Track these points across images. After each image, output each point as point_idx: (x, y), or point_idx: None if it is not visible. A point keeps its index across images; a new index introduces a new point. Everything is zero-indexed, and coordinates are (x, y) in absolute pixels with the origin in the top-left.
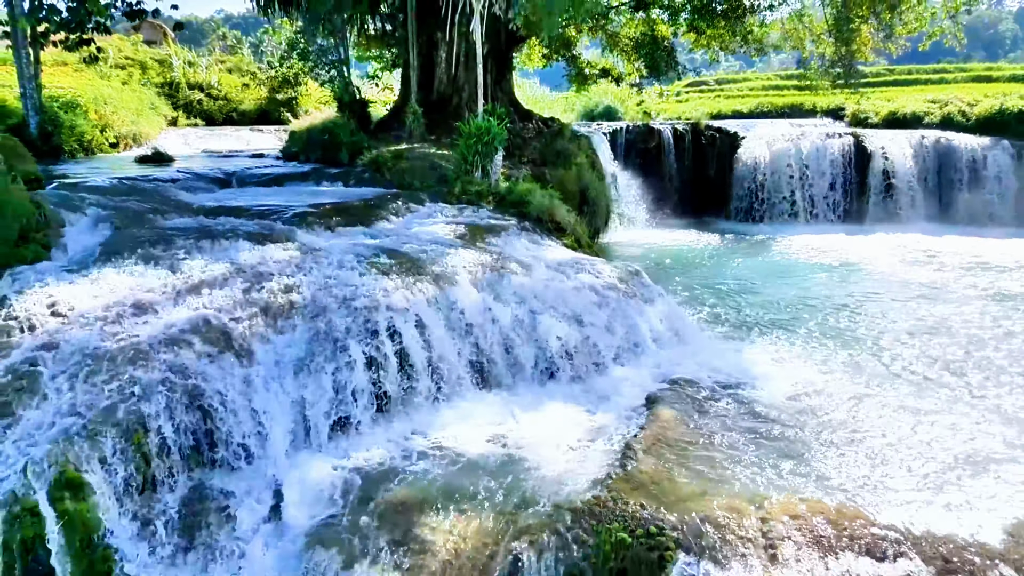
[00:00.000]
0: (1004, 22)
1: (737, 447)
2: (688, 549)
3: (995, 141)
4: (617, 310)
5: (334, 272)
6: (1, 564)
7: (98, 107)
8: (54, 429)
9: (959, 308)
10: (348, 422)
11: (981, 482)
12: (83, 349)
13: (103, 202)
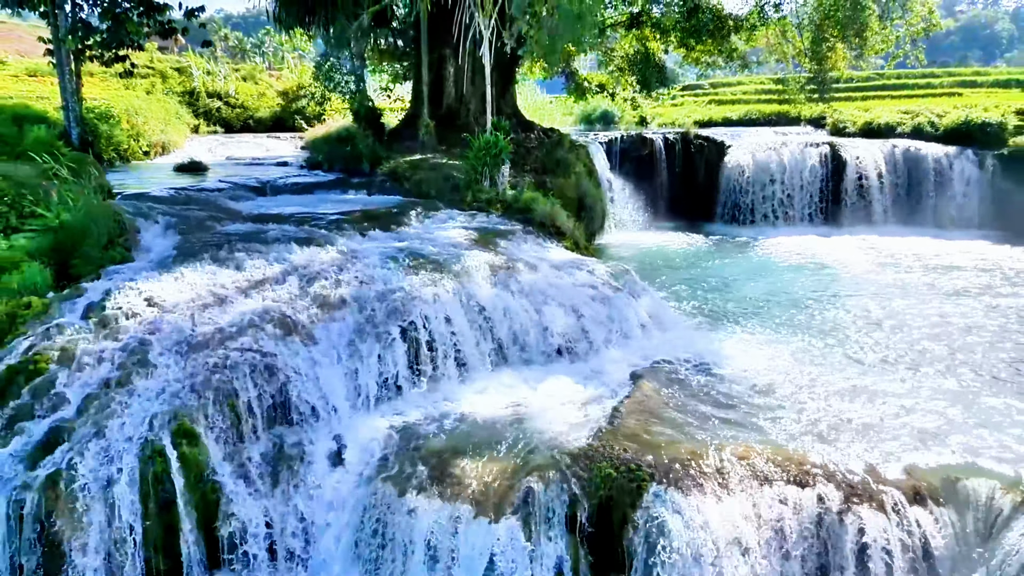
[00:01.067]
0: (1000, 22)
1: (701, 410)
2: (659, 480)
3: (960, 150)
4: (609, 303)
5: (371, 271)
6: (139, 493)
7: (130, 117)
8: (166, 393)
9: (915, 304)
10: (391, 390)
11: (891, 436)
12: (179, 332)
13: (167, 210)
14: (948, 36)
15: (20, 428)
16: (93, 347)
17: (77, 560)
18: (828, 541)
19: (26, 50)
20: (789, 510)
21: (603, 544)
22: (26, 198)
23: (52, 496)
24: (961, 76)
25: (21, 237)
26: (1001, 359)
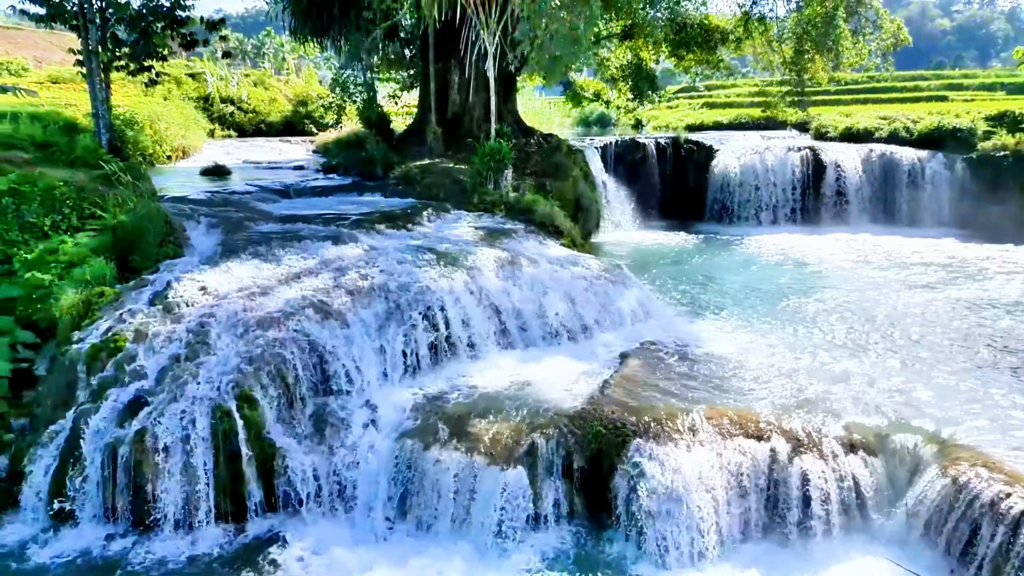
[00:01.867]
0: (996, 21)
1: (678, 382)
2: (640, 436)
3: (932, 154)
4: (602, 293)
5: (393, 265)
6: (211, 447)
7: (153, 123)
8: (228, 366)
9: (882, 296)
10: (414, 366)
11: (838, 402)
12: (233, 316)
13: (207, 212)
14: (944, 36)
15: (107, 395)
16: (162, 328)
17: (160, 502)
18: (778, 483)
19: (43, 56)
20: (747, 459)
21: (594, 487)
22: (86, 201)
23: (140, 449)
24: (949, 79)
25: (84, 236)
26: (951, 342)
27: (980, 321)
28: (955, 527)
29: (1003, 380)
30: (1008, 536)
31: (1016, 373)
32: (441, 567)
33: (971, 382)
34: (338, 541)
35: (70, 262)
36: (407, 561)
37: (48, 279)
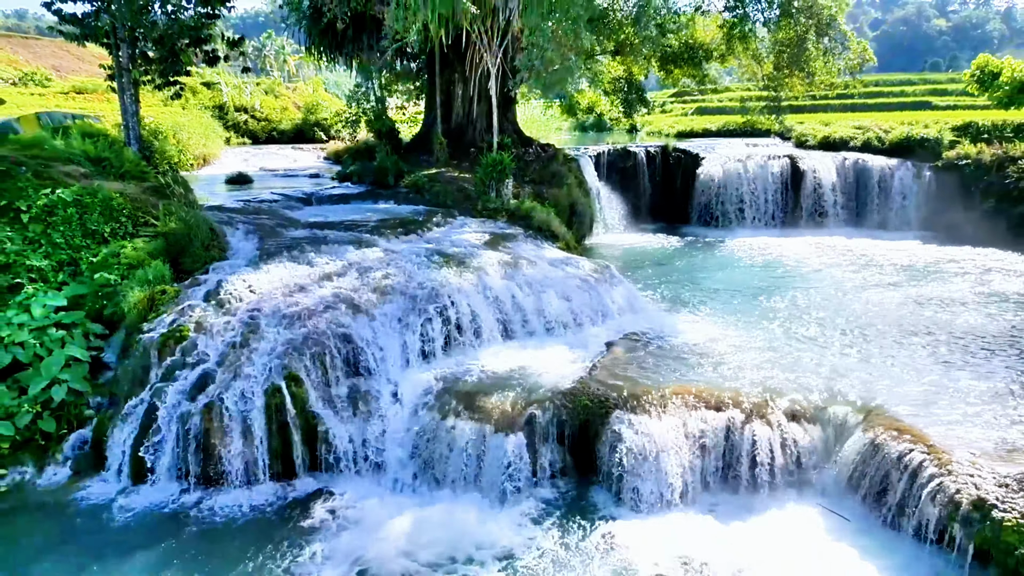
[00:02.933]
0: (992, 22)
1: (654, 365)
2: (621, 408)
3: (901, 162)
4: (592, 291)
5: (410, 266)
6: (265, 417)
7: (176, 133)
8: (277, 351)
9: (848, 292)
10: (430, 353)
11: (789, 381)
12: (277, 311)
13: (243, 219)
14: (940, 35)
15: (177, 375)
16: (218, 321)
17: (224, 462)
18: (732, 446)
19: (60, 64)
20: (707, 426)
21: (581, 450)
22: (139, 210)
23: (207, 419)
24: (936, 83)
25: (140, 241)
26: (895, 334)
27: (925, 316)
28: (871, 478)
29: (930, 365)
30: (909, 482)
31: (942, 359)
32: (456, 513)
33: (903, 366)
34: (371, 494)
35: (130, 264)
36: (428, 508)
37: (113, 279)
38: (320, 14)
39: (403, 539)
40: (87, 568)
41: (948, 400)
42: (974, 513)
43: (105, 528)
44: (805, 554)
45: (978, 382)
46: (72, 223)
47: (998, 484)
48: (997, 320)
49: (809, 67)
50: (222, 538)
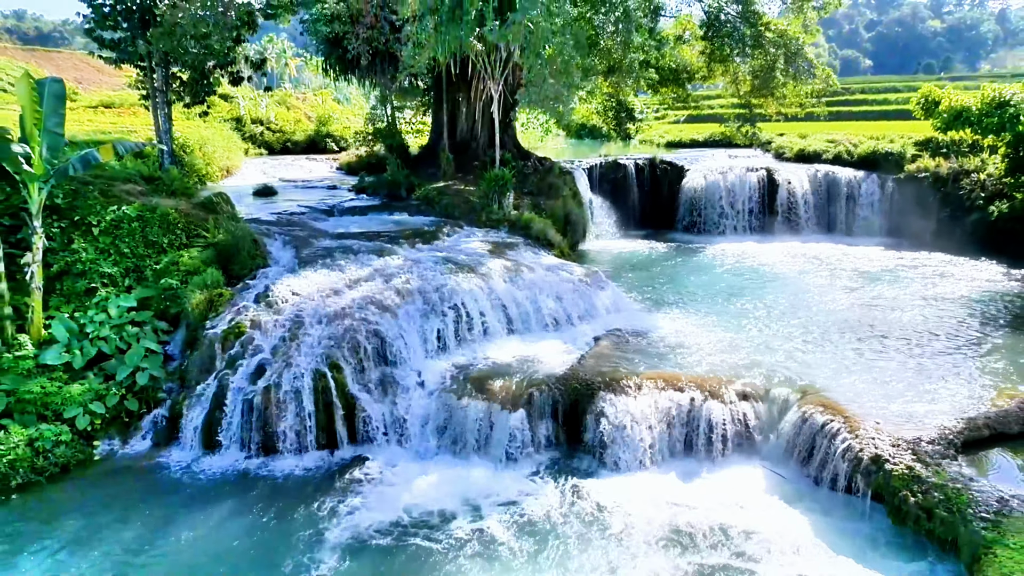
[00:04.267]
0: (986, 23)
1: (633, 356)
2: (604, 390)
3: (868, 174)
4: (583, 294)
5: (426, 272)
6: (313, 398)
7: (202, 146)
8: (320, 344)
9: (814, 293)
10: (446, 345)
11: (744, 368)
12: (318, 310)
13: (279, 230)
14: (935, 37)
15: (238, 364)
16: (269, 319)
17: (280, 437)
18: (693, 420)
19: (82, 77)
20: (673, 404)
21: (572, 424)
22: (191, 223)
23: (266, 399)
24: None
25: (194, 251)
26: (845, 329)
27: (872, 315)
28: (802, 444)
29: (864, 356)
30: (828, 446)
31: (876, 351)
32: (470, 473)
33: (842, 357)
34: (401, 459)
35: (188, 271)
36: (447, 470)
37: (175, 283)
38: (339, 41)
39: (428, 492)
40: (174, 517)
41: (871, 383)
42: (872, 466)
43: (185, 486)
44: (748, 502)
45: (899, 369)
46: (136, 235)
47: (892, 445)
48: (932, 319)
49: (778, 92)
50: (281, 492)
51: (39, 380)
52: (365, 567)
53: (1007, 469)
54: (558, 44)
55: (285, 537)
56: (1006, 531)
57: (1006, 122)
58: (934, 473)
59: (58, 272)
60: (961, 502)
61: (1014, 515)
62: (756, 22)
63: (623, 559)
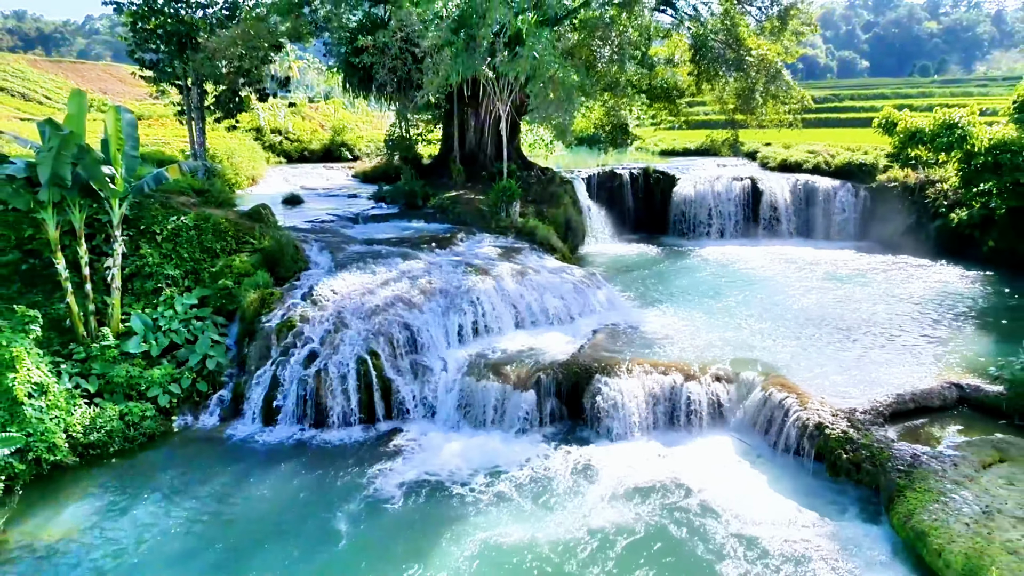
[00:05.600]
0: (982, 24)
1: (625, 345)
2: (600, 373)
3: (843, 183)
4: (582, 293)
5: (446, 274)
6: (356, 380)
7: (230, 157)
8: (360, 336)
9: (790, 291)
10: (464, 337)
11: (721, 354)
12: (356, 307)
13: (314, 237)
14: (931, 38)
15: (292, 352)
16: (316, 314)
17: (329, 412)
18: (674, 398)
19: (108, 88)
20: (658, 385)
21: (573, 402)
22: (240, 231)
23: (318, 382)
24: (909, 94)
25: (244, 255)
26: (812, 322)
27: (837, 310)
28: (763, 416)
29: (824, 344)
30: (783, 417)
31: (835, 340)
32: (488, 441)
33: (805, 346)
34: (431, 431)
35: (240, 273)
36: (470, 439)
37: (230, 284)
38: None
39: (454, 456)
40: (247, 476)
41: (826, 368)
42: (815, 432)
43: (250, 453)
44: (719, 463)
45: (853, 357)
46: (193, 242)
47: (832, 415)
48: (891, 315)
49: (758, 111)
50: (331, 457)
51: (124, 366)
52: (408, 511)
53: (918, 432)
54: (560, 72)
55: (339, 490)
56: (915, 479)
57: (954, 142)
58: (863, 436)
59: (129, 274)
60: (883, 458)
61: (922, 467)
62: (739, 48)
63: (607, 501)
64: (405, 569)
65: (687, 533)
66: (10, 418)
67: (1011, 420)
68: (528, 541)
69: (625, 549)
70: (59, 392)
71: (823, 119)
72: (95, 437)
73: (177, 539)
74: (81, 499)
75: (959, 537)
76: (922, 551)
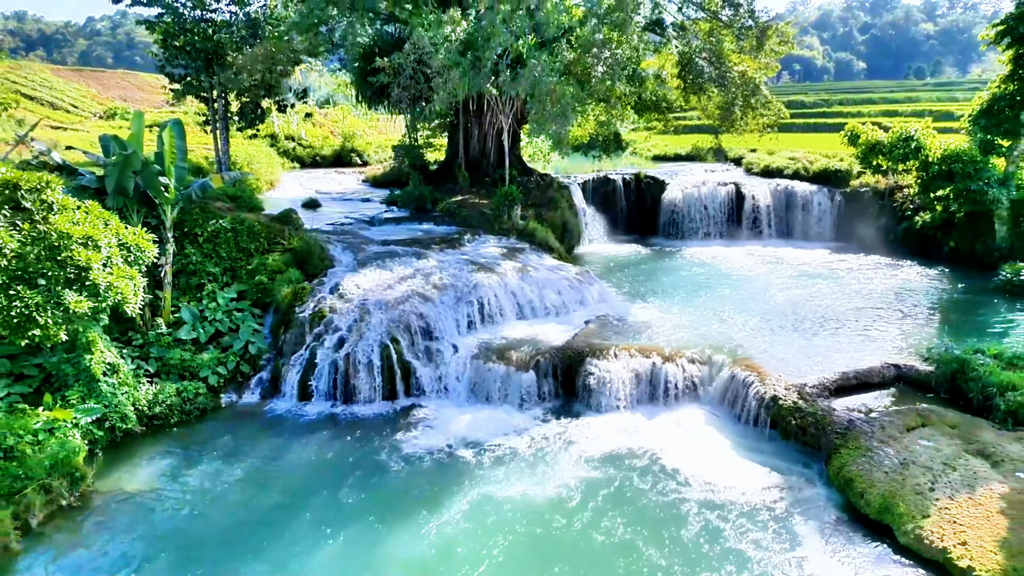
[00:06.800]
0: (978, 26)
1: (613, 334)
2: (591, 356)
3: (820, 188)
4: (576, 288)
5: (455, 271)
6: (380, 362)
7: (249, 162)
8: (383, 324)
9: (762, 286)
10: (472, 326)
11: (695, 340)
12: (378, 300)
13: (336, 238)
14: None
15: (323, 338)
16: (343, 306)
17: (357, 390)
18: (655, 377)
19: (127, 96)
20: (640, 366)
21: (568, 381)
22: (271, 233)
23: (347, 364)
24: (893, 102)
25: (276, 255)
26: (783, 314)
27: (810, 302)
28: (730, 392)
29: (789, 332)
30: (745, 392)
31: (799, 329)
32: (496, 415)
33: (773, 333)
34: (444, 406)
35: (273, 270)
36: (478, 413)
37: (265, 280)
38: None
39: (465, 426)
40: (289, 442)
41: (788, 352)
42: (771, 403)
43: (290, 424)
44: (691, 431)
45: (810, 342)
46: (230, 243)
47: (785, 389)
48: (854, 307)
49: (738, 124)
50: (359, 427)
51: (177, 350)
52: (428, 471)
53: (857, 402)
54: (557, 87)
55: (368, 453)
56: (849, 439)
57: (910, 153)
58: (810, 406)
59: (176, 271)
60: (824, 423)
61: (855, 430)
62: (721, 65)
63: (593, 462)
64: (422, 511)
65: (659, 485)
66: (89, 392)
67: (937, 393)
68: (523, 492)
69: (604, 499)
70: (127, 371)
71: (812, 124)
72: (158, 410)
73: (235, 489)
74: (151, 460)
75: (879, 483)
76: (849, 494)
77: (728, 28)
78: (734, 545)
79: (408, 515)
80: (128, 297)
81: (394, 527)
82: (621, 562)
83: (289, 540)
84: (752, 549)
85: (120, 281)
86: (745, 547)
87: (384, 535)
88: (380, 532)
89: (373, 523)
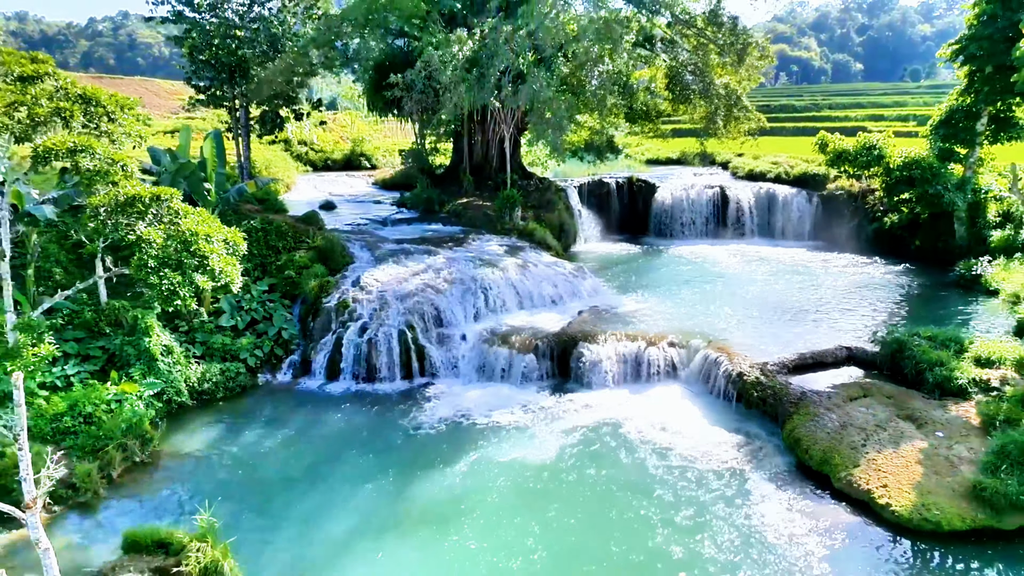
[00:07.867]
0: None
1: (604, 322)
2: (584, 341)
3: (799, 191)
4: (571, 282)
5: (463, 267)
6: (398, 346)
7: (267, 166)
8: (399, 313)
9: (747, 281)
10: (479, 315)
11: (676, 327)
12: (395, 291)
13: (355, 237)
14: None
15: (348, 325)
16: (364, 297)
17: (378, 371)
18: (639, 359)
19: (146, 101)
20: (627, 349)
21: (563, 363)
22: (296, 232)
23: (369, 347)
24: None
25: (301, 252)
26: (759, 305)
27: (784, 295)
28: (704, 371)
29: (760, 321)
30: (716, 370)
31: (770, 317)
32: (500, 391)
33: (746, 321)
34: (455, 384)
35: (300, 266)
36: (485, 389)
37: (292, 274)
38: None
39: (474, 400)
40: (319, 414)
41: (757, 336)
42: (737, 379)
43: (319, 400)
44: (669, 404)
45: (781, 329)
46: (260, 241)
47: (750, 366)
48: (822, 298)
49: (720, 132)
50: (382, 401)
51: (219, 336)
52: (441, 437)
53: (812, 379)
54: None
55: (389, 423)
56: (801, 408)
57: (872, 160)
58: (770, 381)
59: None
60: (782, 394)
61: (807, 400)
62: (705, 78)
63: (583, 429)
64: (436, 468)
65: (639, 447)
66: (149, 370)
67: (880, 371)
68: (522, 454)
69: (590, 458)
70: (179, 353)
71: (801, 128)
72: (206, 387)
73: (277, 451)
74: (204, 427)
75: (820, 441)
76: (797, 451)
77: (713, 43)
78: (700, 495)
79: (425, 471)
80: (235, 279)
81: (413, 480)
82: (603, 507)
83: (324, 489)
84: (715, 496)
85: (228, 267)
86: (709, 495)
87: (405, 486)
88: (401, 484)
89: (395, 477)
